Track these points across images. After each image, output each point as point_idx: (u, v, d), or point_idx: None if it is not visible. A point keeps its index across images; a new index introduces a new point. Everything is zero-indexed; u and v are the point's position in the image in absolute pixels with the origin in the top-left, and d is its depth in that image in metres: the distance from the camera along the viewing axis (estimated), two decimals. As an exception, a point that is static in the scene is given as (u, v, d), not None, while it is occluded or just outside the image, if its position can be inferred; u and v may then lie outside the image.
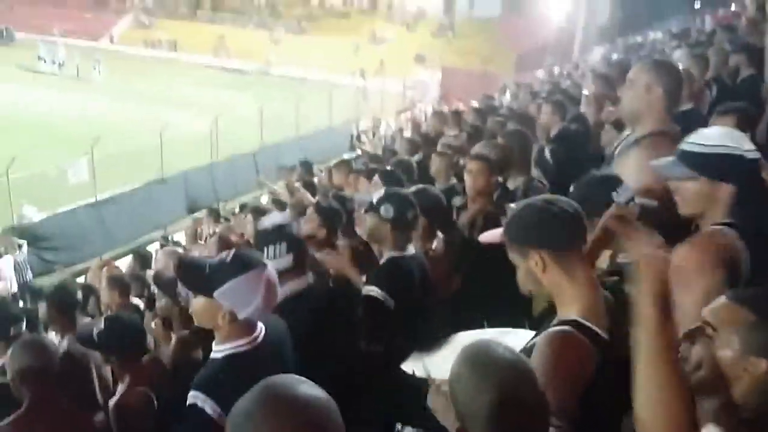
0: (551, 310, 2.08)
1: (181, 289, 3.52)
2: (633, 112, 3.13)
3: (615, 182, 2.54)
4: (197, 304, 2.10)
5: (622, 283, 2.11)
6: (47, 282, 9.86)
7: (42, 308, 4.14)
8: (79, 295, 4.35)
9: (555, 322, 1.93)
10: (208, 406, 1.95)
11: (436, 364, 2.42)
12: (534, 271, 1.93)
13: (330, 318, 2.85)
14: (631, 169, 2.91)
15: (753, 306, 1.55)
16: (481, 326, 2.80)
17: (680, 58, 7.00)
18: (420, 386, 2.42)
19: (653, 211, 2.52)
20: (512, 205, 3.27)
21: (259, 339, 2.11)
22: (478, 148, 4.59)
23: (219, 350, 2.09)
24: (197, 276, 2.07)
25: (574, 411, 1.71)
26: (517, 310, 3.10)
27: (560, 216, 1.92)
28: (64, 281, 5.92)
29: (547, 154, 5.41)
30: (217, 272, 2.04)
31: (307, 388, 1.26)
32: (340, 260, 3.57)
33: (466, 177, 4.12)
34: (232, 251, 2.12)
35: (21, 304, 5.32)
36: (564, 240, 1.93)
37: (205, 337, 2.32)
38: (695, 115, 4.57)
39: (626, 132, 4.06)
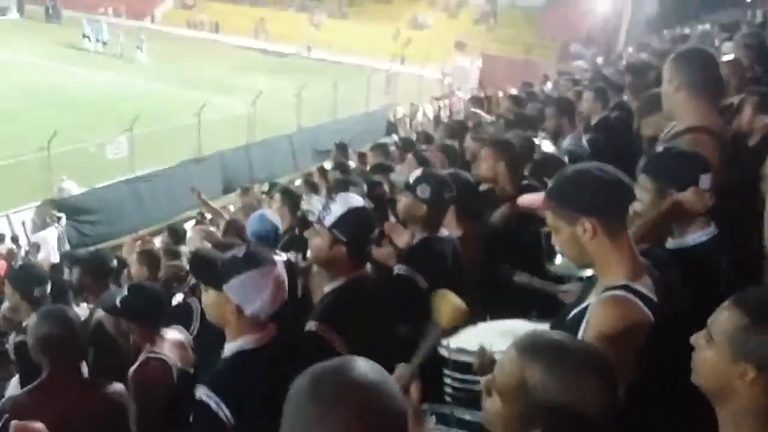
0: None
1: None
2: (666, 107, 3.08)
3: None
4: (207, 297, 2.14)
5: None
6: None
7: (76, 273, 4.20)
8: (114, 264, 4.40)
9: (602, 288, 1.89)
10: (213, 402, 1.94)
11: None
12: (580, 237, 1.89)
13: (381, 306, 2.76)
14: None
15: (748, 309, 1.45)
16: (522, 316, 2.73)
17: (730, 50, 6.73)
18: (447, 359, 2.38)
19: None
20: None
21: (269, 338, 2.11)
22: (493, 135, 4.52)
23: (229, 347, 2.10)
24: (208, 269, 2.12)
25: (631, 372, 1.70)
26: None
27: (614, 184, 1.89)
28: (100, 250, 6.00)
29: (584, 143, 5.26)
30: (228, 267, 2.06)
31: (363, 367, 1.15)
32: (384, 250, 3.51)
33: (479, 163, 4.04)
34: (244, 247, 2.14)
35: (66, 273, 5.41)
36: (616, 209, 1.90)
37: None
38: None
39: (669, 125, 3.91)
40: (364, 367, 1.14)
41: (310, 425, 1.10)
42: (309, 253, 2.82)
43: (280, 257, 2.39)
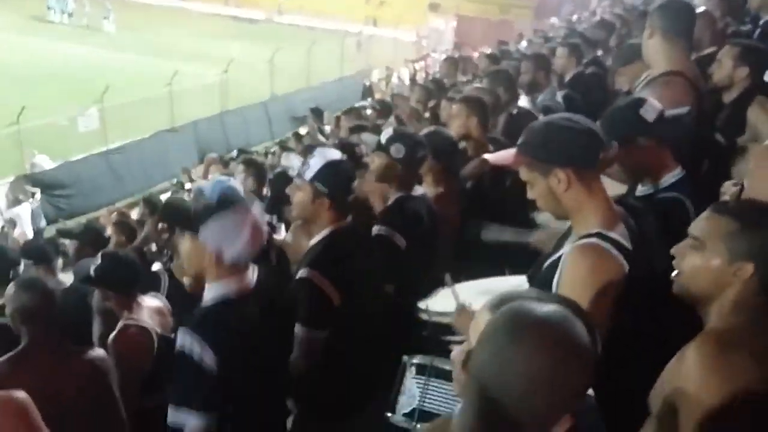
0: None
1: None
2: (645, 56, 3.15)
3: (639, 102, 2.45)
4: (184, 245, 2.07)
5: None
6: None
7: (72, 246, 4.21)
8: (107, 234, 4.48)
9: (576, 237, 1.91)
10: (196, 351, 1.91)
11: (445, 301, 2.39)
12: (555, 188, 1.91)
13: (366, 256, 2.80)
14: None
15: (735, 215, 1.61)
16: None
17: (701, 2, 6.74)
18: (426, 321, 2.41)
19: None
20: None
21: (251, 285, 2.07)
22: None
23: (210, 293, 2.05)
24: (182, 214, 2.08)
25: (607, 321, 1.73)
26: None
27: (586, 133, 1.90)
28: (91, 221, 5.96)
29: (559, 98, 5.26)
30: (202, 211, 2.00)
31: (543, 305, 1.16)
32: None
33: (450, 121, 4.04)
34: (218, 191, 2.05)
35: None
36: (589, 157, 1.91)
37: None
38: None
39: (644, 74, 3.93)
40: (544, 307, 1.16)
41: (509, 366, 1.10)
42: (292, 211, 2.80)
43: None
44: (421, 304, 2.49)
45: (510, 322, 1.13)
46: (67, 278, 4.16)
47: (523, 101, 5.09)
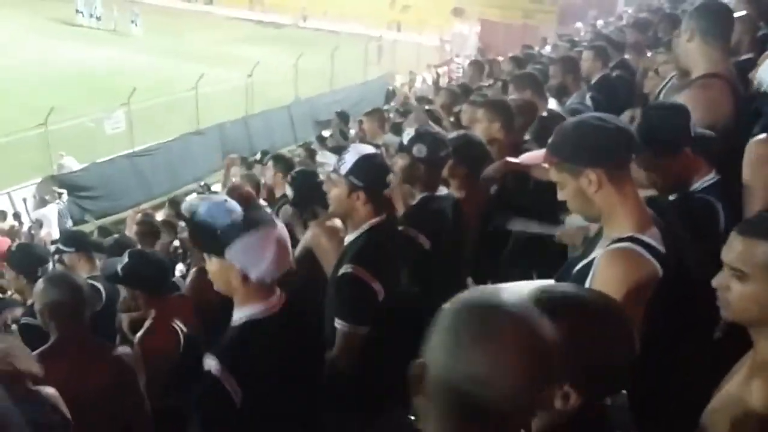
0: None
1: None
2: (681, 59, 3.07)
3: (687, 111, 2.40)
4: (211, 265, 2.07)
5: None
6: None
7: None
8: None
9: (609, 241, 1.87)
10: (222, 374, 1.90)
11: None
12: (586, 190, 1.87)
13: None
14: None
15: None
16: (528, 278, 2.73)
17: (736, 5, 6.64)
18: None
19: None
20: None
21: (278, 306, 2.06)
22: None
23: (237, 315, 2.05)
24: (208, 236, 2.03)
25: (640, 324, 1.67)
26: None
27: (616, 133, 1.86)
28: (123, 236, 5.99)
29: (588, 101, 5.21)
30: (227, 231, 2.00)
31: (509, 295, 1.07)
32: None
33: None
34: (241, 211, 2.07)
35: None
36: (620, 157, 1.88)
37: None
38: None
39: (670, 75, 3.87)
40: (513, 298, 1.07)
41: (463, 359, 1.01)
42: (330, 207, 2.80)
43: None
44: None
45: (472, 318, 1.05)
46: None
47: (552, 105, 5.03)
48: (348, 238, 2.67)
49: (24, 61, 23.28)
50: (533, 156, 2.12)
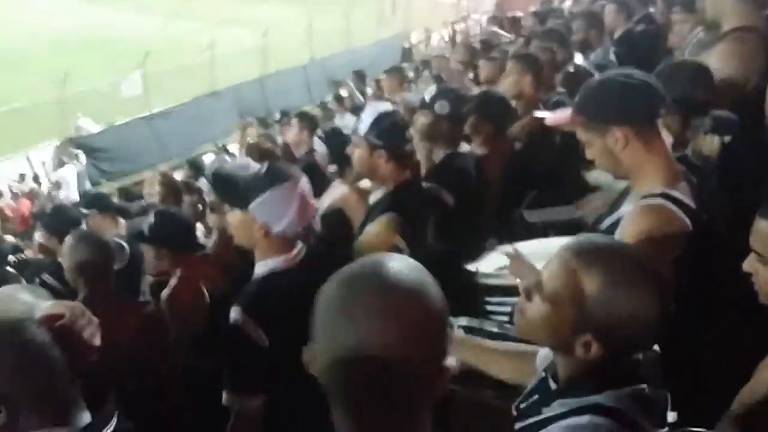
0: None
1: None
2: (710, 11, 3.01)
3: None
4: (233, 218, 2.07)
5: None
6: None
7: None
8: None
9: (638, 197, 1.84)
10: (247, 324, 1.91)
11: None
12: (613, 148, 1.84)
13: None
14: (715, 63, 2.73)
15: None
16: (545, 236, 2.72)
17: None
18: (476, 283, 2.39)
19: None
20: None
21: (299, 258, 2.06)
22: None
23: (259, 268, 2.06)
24: (232, 189, 2.04)
25: (671, 280, 1.63)
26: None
27: (642, 89, 1.82)
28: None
29: (612, 57, 5.10)
30: (251, 185, 1.99)
31: (397, 267, 0.97)
32: None
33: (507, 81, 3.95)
34: (266, 164, 2.07)
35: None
36: (647, 114, 1.83)
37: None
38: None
39: (697, 30, 3.77)
40: (399, 268, 0.96)
41: (343, 335, 0.93)
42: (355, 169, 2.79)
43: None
44: (470, 267, 2.46)
45: (358, 291, 0.96)
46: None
47: (578, 60, 4.94)
48: (373, 198, 2.65)
49: (34, 28, 23.18)
50: (562, 114, 2.07)
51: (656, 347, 1.61)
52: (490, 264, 2.43)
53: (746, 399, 1.49)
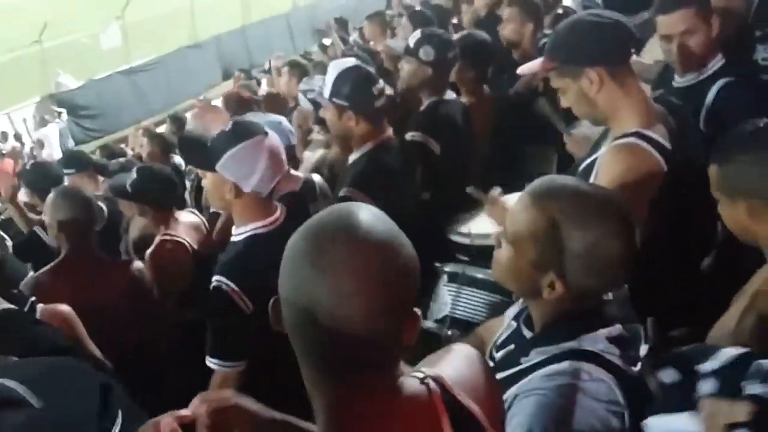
0: None
1: None
2: None
3: None
4: (206, 182, 2.02)
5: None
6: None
7: None
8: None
9: (615, 136, 1.83)
10: (230, 289, 1.88)
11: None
12: (588, 90, 1.81)
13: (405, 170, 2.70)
14: None
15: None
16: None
17: None
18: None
19: None
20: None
21: (280, 222, 2.01)
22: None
23: (237, 232, 2.01)
24: (198, 151, 1.99)
25: (643, 219, 1.65)
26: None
27: (613, 29, 1.79)
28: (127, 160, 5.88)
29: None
30: (217, 144, 1.94)
31: (368, 221, 0.92)
32: None
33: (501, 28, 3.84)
34: (231, 121, 2.01)
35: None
36: (619, 52, 1.81)
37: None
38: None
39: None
40: (369, 220, 0.93)
41: (310, 289, 0.88)
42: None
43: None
44: (463, 228, 2.43)
45: (323, 243, 0.91)
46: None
47: (568, 2, 4.83)
48: (350, 159, 2.57)
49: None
50: (534, 63, 2.01)
51: (625, 286, 1.62)
52: (484, 224, 2.39)
53: (716, 333, 1.50)
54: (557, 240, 1.29)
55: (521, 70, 2.14)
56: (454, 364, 1.05)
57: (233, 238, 2.02)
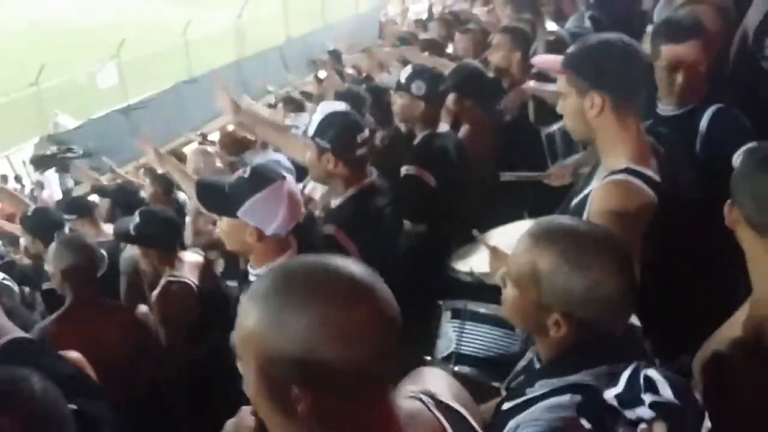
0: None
1: None
2: None
3: None
4: (223, 226, 2.06)
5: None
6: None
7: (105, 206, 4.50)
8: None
9: (605, 173, 1.85)
10: None
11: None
12: (586, 110, 1.84)
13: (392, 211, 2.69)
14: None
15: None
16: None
17: None
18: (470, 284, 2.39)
19: None
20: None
21: (294, 255, 2.03)
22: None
23: (255, 273, 2.05)
24: (218, 197, 2.02)
25: (637, 255, 1.63)
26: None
27: (636, 66, 1.83)
28: (127, 183, 5.93)
29: (588, 23, 5.07)
30: (237, 191, 1.98)
31: (344, 266, 0.93)
32: None
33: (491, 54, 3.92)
34: (249, 168, 2.04)
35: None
36: (628, 87, 1.84)
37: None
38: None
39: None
40: (346, 263, 0.94)
41: (281, 326, 0.88)
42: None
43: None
44: (464, 266, 2.44)
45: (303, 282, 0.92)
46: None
47: (553, 27, 4.91)
48: (332, 203, 2.58)
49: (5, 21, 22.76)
50: (553, 59, 2.04)
51: (636, 322, 1.64)
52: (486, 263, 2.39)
53: (701, 355, 1.54)
54: (559, 281, 1.32)
55: (536, 60, 2.17)
56: (433, 380, 1.13)
57: (252, 278, 2.05)
